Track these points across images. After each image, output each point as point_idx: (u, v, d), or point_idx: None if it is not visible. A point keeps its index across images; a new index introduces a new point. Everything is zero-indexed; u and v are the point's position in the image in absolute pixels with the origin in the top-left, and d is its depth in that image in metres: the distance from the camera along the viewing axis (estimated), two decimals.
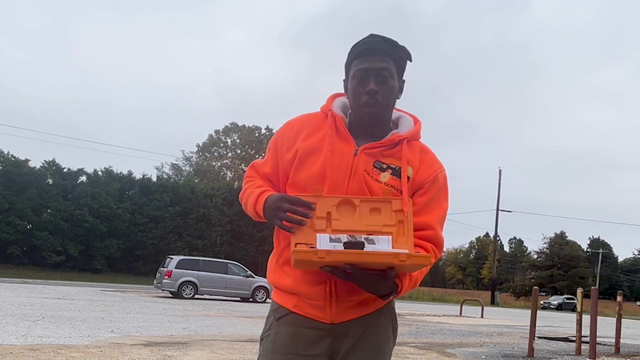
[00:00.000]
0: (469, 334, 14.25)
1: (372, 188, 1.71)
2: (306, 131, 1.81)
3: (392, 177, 1.73)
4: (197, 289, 22.41)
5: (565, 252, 69.48)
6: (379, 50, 1.75)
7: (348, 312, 1.73)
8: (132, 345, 7.85)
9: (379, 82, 1.74)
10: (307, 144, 1.78)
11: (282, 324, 1.78)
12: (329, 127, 1.79)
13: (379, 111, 1.76)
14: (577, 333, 10.35)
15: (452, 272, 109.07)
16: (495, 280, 57.43)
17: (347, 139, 1.77)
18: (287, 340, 1.75)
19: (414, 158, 1.78)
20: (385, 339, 1.80)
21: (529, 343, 9.86)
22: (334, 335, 1.74)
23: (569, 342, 13.22)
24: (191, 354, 7.31)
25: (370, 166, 1.74)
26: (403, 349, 9.67)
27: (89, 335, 8.55)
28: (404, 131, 1.81)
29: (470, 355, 9.45)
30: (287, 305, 1.78)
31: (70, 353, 6.71)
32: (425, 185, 1.77)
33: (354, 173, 1.72)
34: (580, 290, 10.29)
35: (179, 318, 13.03)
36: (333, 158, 1.73)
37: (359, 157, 1.73)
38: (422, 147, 1.84)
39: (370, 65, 1.74)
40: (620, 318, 11.59)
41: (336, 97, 1.90)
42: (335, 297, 1.70)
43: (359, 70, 1.75)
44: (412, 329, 14.90)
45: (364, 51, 1.76)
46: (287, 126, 1.87)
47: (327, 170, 1.72)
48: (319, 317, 1.73)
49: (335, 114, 1.80)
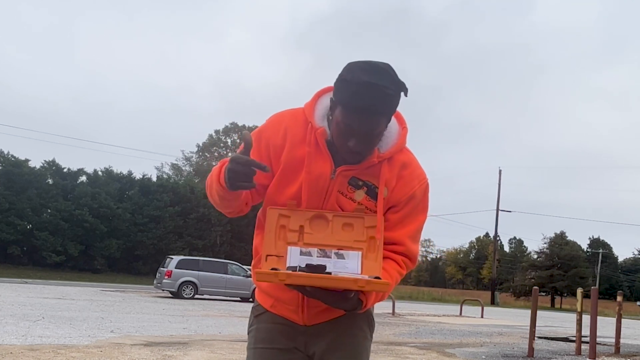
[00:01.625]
0: (469, 334, 14.25)
1: (344, 207, 1.70)
2: (291, 140, 1.71)
3: (367, 196, 1.69)
4: (197, 289, 22.41)
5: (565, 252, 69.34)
6: (372, 112, 1.55)
7: (320, 316, 1.77)
8: (132, 345, 7.84)
9: (364, 140, 1.60)
10: (290, 158, 1.70)
11: (260, 321, 1.85)
12: (308, 143, 1.69)
13: (361, 159, 1.67)
14: (577, 333, 10.35)
15: (452, 272, 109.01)
16: (495, 280, 57.41)
17: (325, 157, 1.68)
18: (265, 335, 1.81)
19: (391, 176, 1.71)
20: (361, 338, 1.82)
21: (529, 343, 9.86)
22: (308, 335, 1.79)
23: (569, 342, 13.23)
24: (191, 354, 7.31)
25: (345, 184, 1.69)
26: (403, 349, 9.67)
27: (89, 335, 8.55)
28: (385, 148, 1.70)
29: (470, 355, 9.45)
30: (265, 305, 1.85)
31: (70, 353, 6.71)
32: (400, 204, 1.73)
33: (329, 195, 1.69)
34: (580, 290, 10.29)
35: (179, 318, 13.03)
36: (310, 180, 1.68)
37: (336, 179, 1.68)
38: (403, 161, 1.74)
39: (358, 127, 1.57)
40: (620, 318, 11.58)
41: (322, 94, 1.76)
42: (307, 302, 1.73)
43: (345, 125, 1.58)
44: (412, 329, 14.90)
45: (353, 107, 1.55)
46: (274, 125, 1.76)
47: (303, 193, 1.69)
48: (293, 319, 1.79)
49: (315, 128, 1.68)
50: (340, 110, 1.58)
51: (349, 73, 1.56)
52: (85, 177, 44.69)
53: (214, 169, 1.72)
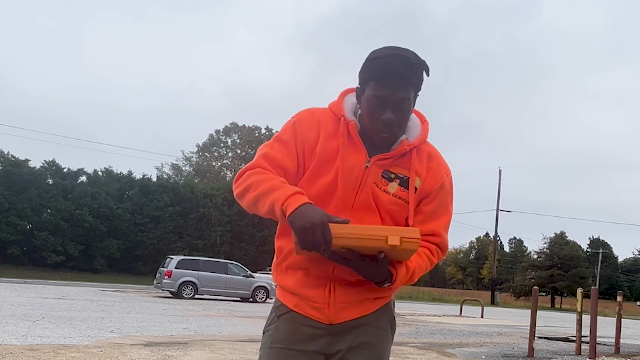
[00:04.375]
0: (469, 334, 14.25)
1: (379, 199, 1.72)
2: (325, 132, 1.76)
3: (400, 187, 1.74)
4: (197, 289, 22.40)
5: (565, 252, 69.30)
6: (401, 78, 1.65)
7: (345, 313, 1.76)
8: (132, 345, 7.84)
9: (397, 111, 1.68)
10: (325, 148, 1.74)
11: (282, 321, 1.81)
12: (341, 134, 1.74)
13: (393, 138, 1.74)
14: (577, 333, 10.35)
15: (452, 272, 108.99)
16: (495, 280, 57.40)
17: (359, 148, 1.74)
18: (284, 335, 1.78)
19: (421, 167, 1.77)
20: (384, 338, 1.82)
21: (529, 343, 9.86)
22: (332, 335, 1.76)
23: (569, 342, 13.23)
24: (191, 354, 7.31)
25: (379, 177, 1.73)
26: (403, 349, 9.67)
27: (89, 335, 8.55)
28: (412, 137, 1.78)
29: (470, 355, 9.45)
30: (288, 304, 1.81)
31: (70, 353, 6.71)
32: (432, 194, 1.78)
33: (363, 185, 1.72)
34: (580, 291, 10.29)
35: (179, 318, 13.03)
36: (344, 168, 1.71)
37: (370, 169, 1.73)
38: (429, 152, 1.82)
39: (390, 95, 1.66)
40: (620, 318, 11.58)
41: (347, 94, 1.83)
42: (334, 299, 1.74)
43: (377, 97, 1.66)
44: (412, 329, 14.90)
45: (384, 76, 1.65)
46: (308, 118, 1.79)
47: (339, 181, 1.71)
48: (318, 318, 1.76)
49: (347, 120, 1.75)
50: (372, 85, 1.67)
51: (374, 54, 1.70)
52: (85, 177, 44.68)
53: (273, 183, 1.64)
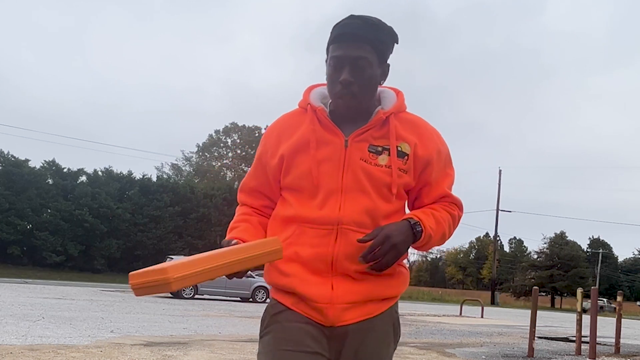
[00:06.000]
0: (469, 334, 14.25)
1: (373, 175, 1.65)
2: (287, 133, 1.73)
3: (390, 157, 1.67)
4: (197, 289, 22.41)
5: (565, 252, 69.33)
6: (357, 37, 1.61)
7: (348, 315, 1.63)
8: (132, 345, 7.84)
9: (355, 72, 1.61)
10: (290, 145, 1.69)
11: (281, 320, 1.67)
12: (310, 121, 1.69)
13: (354, 103, 1.65)
14: (577, 333, 10.35)
15: (452, 272, 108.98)
16: (495, 280, 57.44)
17: (332, 130, 1.67)
18: (289, 335, 1.63)
19: (407, 134, 1.70)
20: (385, 344, 1.70)
21: (529, 343, 9.85)
22: (332, 338, 1.65)
23: (569, 342, 13.22)
24: (191, 354, 7.31)
25: (366, 153, 1.66)
26: (403, 349, 9.67)
27: (89, 335, 8.54)
28: (388, 106, 1.71)
29: (470, 355, 9.45)
30: (285, 303, 1.69)
31: (70, 353, 6.71)
32: (432, 161, 1.72)
33: (348, 165, 1.64)
34: (580, 291, 10.28)
35: (179, 318, 13.02)
36: (320, 152, 1.66)
37: (350, 147, 1.65)
38: (411, 120, 1.75)
39: (345, 53, 1.61)
40: (620, 318, 11.58)
41: (313, 88, 1.79)
42: (336, 299, 1.62)
43: (333, 58, 1.63)
44: (412, 329, 14.89)
45: (339, 36, 1.62)
46: (268, 133, 1.80)
47: (314, 167, 1.65)
48: (317, 319, 1.64)
49: (314, 107, 1.70)
50: (330, 50, 1.65)
51: (335, 24, 1.68)
52: (85, 177, 44.69)
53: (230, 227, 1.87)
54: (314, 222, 1.64)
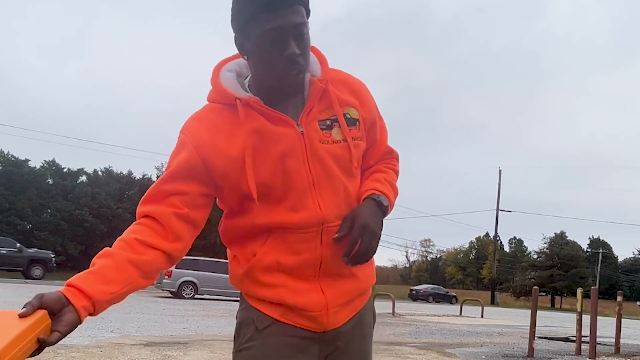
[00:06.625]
0: (469, 334, 14.24)
1: (335, 153, 1.46)
2: (224, 134, 1.44)
3: (342, 129, 1.50)
4: (197, 288, 22.42)
5: (565, 252, 69.38)
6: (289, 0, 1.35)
7: (339, 317, 1.54)
8: (132, 345, 7.84)
9: (299, 42, 1.38)
10: (238, 149, 1.42)
11: (267, 335, 1.50)
12: (250, 117, 1.42)
13: (302, 77, 1.42)
14: (577, 333, 10.35)
15: (452, 272, 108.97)
16: (495, 280, 57.46)
17: (280, 119, 1.43)
18: (277, 352, 1.49)
19: (347, 97, 1.52)
20: (369, 335, 1.66)
21: (529, 343, 9.85)
22: (323, 342, 1.54)
23: (569, 342, 13.22)
24: (191, 354, 7.31)
25: (320, 131, 1.45)
26: (403, 349, 9.67)
27: (89, 335, 8.54)
28: (317, 71, 1.49)
29: (470, 355, 9.45)
30: (272, 315, 1.50)
31: (70, 353, 6.71)
32: (375, 119, 1.59)
33: (312, 153, 1.44)
34: (581, 290, 10.28)
35: (179, 318, 13.02)
36: (278, 149, 1.43)
37: (306, 132, 1.44)
38: (340, 77, 1.54)
39: (285, 22, 1.34)
40: (620, 318, 11.57)
41: (220, 68, 1.52)
42: (329, 304, 1.50)
43: (271, 30, 1.34)
44: (412, 329, 14.90)
45: (272, 3, 1.33)
46: (196, 131, 1.46)
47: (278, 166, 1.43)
48: (310, 327, 1.51)
49: (246, 100, 1.42)
50: (259, 19, 1.35)
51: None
52: (85, 177, 44.79)
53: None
54: (294, 227, 1.45)
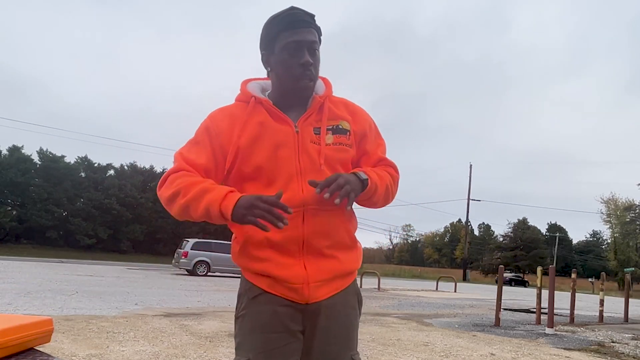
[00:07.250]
0: (444, 306, 14.27)
1: (323, 152, 1.56)
2: (239, 124, 1.57)
3: (335, 135, 1.60)
4: (210, 267, 22.38)
5: (527, 235, 69.64)
6: (307, 23, 1.55)
7: (320, 292, 1.55)
8: (153, 316, 7.83)
9: (312, 56, 1.55)
10: (245, 136, 1.56)
11: (257, 303, 1.57)
12: (258, 112, 1.59)
13: (312, 85, 1.58)
14: (537, 305, 10.38)
15: (429, 253, 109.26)
16: (466, 260, 57.59)
17: (282, 118, 1.57)
18: (264, 319, 1.55)
19: (343, 114, 1.65)
20: (353, 316, 1.65)
21: (495, 314, 9.88)
22: (306, 313, 1.56)
23: (530, 313, 13.27)
24: (204, 324, 7.30)
25: (313, 134, 1.57)
26: (387, 319, 9.68)
27: (116, 307, 8.52)
28: (322, 90, 1.65)
29: (445, 325, 9.46)
30: (261, 285, 1.58)
31: (100, 322, 6.69)
32: (367, 134, 1.67)
33: (302, 150, 1.55)
34: (540, 269, 10.30)
35: (194, 293, 13.00)
36: (275, 140, 1.55)
37: (301, 132, 1.57)
38: (342, 102, 1.69)
39: (303, 38, 1.53)
40: (574, 292, 11.63)
41: (247, 82, 1.68)
42: (309, 278, 1.54)
43: (291, 43, 1.52)
44: (395, 302, 14.92)
45: (293, 23, 1.53)
46: (219, 114, 1.61)
47: (272, 154, 1.54)
48: (293, 298, 1.55)
49: (260, 99, 1.59)
50: (284, 35, 1.54)
51: (272, 17, 1.58)
52: (113, 171, 44.54)
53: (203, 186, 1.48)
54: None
